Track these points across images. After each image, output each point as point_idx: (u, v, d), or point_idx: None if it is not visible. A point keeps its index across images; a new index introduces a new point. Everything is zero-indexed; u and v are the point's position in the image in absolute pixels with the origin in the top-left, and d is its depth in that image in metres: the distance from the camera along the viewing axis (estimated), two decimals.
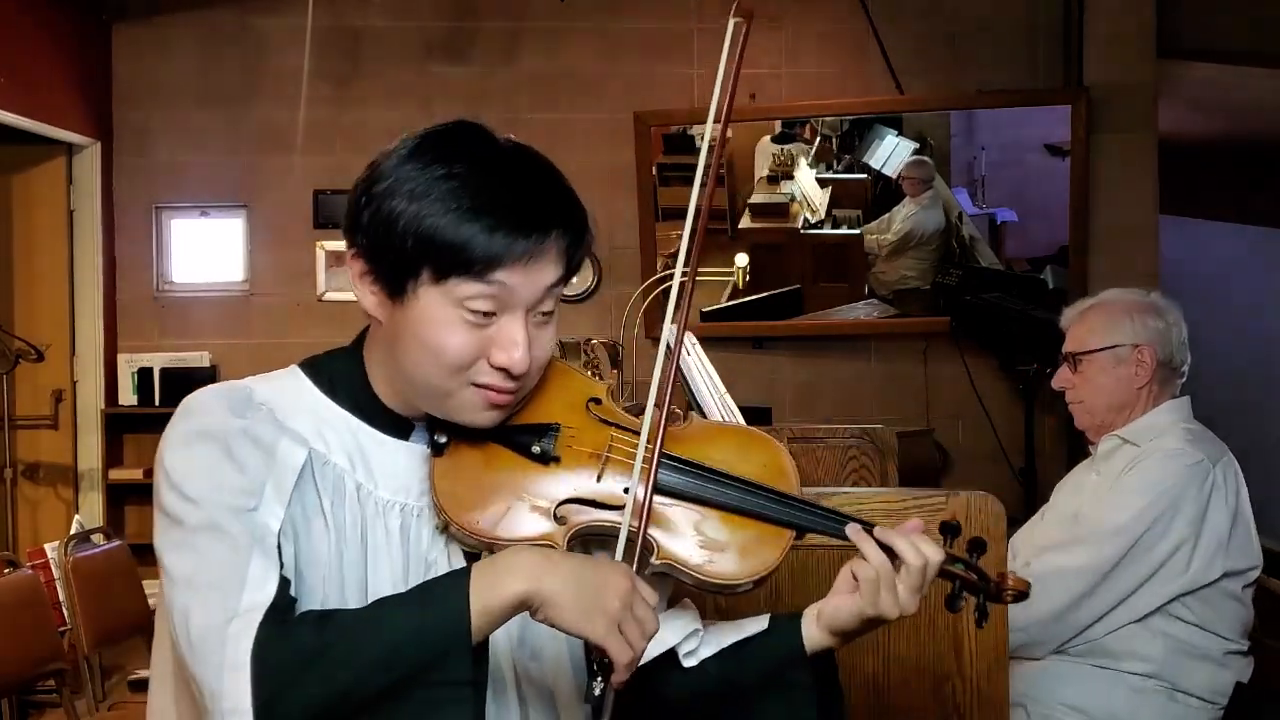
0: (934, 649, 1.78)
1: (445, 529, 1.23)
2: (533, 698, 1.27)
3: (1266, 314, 7.36)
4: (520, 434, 1.24)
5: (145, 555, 4.28)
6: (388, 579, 1.21)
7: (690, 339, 2.09)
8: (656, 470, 1.23)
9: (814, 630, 1.31)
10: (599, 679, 1.12)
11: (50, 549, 3.95)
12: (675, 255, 5.16)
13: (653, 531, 1.24)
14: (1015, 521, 2.45)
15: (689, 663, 1.34)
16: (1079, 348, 2.48)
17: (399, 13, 5.32)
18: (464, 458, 1.23)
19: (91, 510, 5.14)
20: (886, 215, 5.18)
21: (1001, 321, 4.91)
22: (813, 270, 5.22)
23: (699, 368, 2.08)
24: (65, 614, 3.56)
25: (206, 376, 5.14)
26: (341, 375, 1.27)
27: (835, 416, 4.87)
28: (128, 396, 5.26)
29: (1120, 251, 5.08)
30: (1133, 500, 2.26)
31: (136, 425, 5.28)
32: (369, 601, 1.17)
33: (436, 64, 5.31)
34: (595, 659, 1.12)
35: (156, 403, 5.17)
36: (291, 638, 1.06)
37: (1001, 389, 5.15)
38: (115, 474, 5.20)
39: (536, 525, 1.22)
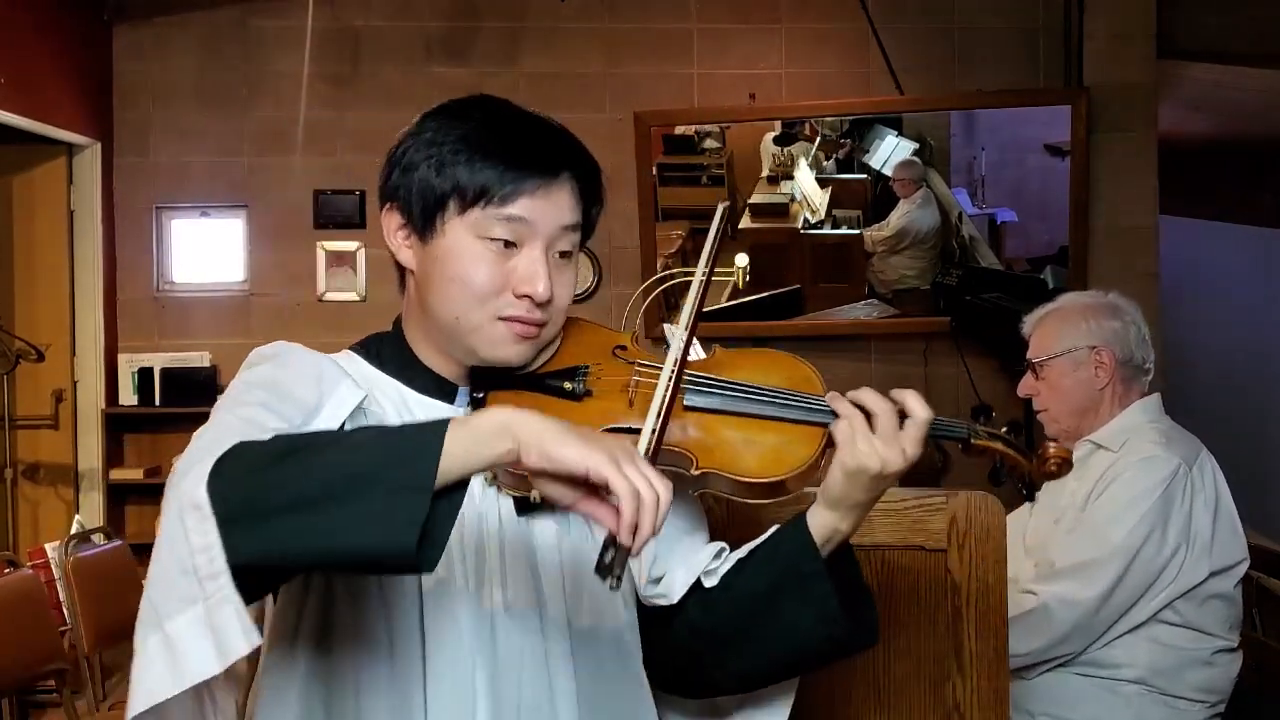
0: (934, 649, 1.78)
1: (494, 479, 1.29)
2: (585, 661, 1.30)
3: (1267, 314, 7.36)
4: (552, 378, 1.33)
5: (145, 555, 4.29)
6: None
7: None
8: (683, 367, 1.28)
9: (815, 515, 1.31)
10: (610, 548, 1.07)
11: (50, 549, 3.96)
12: (675, 256, 5.07)
13: (688, 442, 1.29)
14: None
15: (710, 582, 1.36)
16: (1039, 354, 2.50)
17: (399, 13, 5.32)
18: (503, 405, 1.28)
19: (92, 510, 5.14)
20: (886, 218, 5.19)
21: (1001, 321, 4.89)
22: (813, 270, 5.21)
23: None
24: (65, 614, 3.56)
25: (207, 376, 5.14)
26: (388, 348, 1.37)
27: None
28: (128, 396, 5.24)
29: (1120, 251, 5.08)
30: (1125, 517, 2.24)
31: (137, 425, 5.26)
32: None
33: (436, 64, 5.31)
34: (608, 538, 1.08)
35: (157, 403, 5.15)
36: (273, 439, 1.10)
37: (1001, 389, 5.14)
38: (115, 474, 5.18)
39: None
